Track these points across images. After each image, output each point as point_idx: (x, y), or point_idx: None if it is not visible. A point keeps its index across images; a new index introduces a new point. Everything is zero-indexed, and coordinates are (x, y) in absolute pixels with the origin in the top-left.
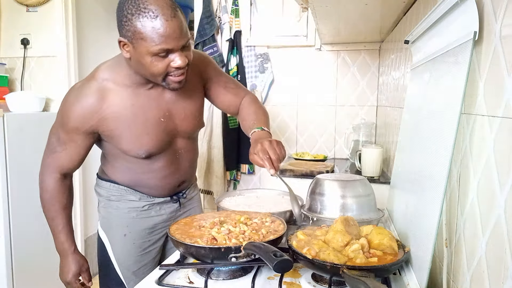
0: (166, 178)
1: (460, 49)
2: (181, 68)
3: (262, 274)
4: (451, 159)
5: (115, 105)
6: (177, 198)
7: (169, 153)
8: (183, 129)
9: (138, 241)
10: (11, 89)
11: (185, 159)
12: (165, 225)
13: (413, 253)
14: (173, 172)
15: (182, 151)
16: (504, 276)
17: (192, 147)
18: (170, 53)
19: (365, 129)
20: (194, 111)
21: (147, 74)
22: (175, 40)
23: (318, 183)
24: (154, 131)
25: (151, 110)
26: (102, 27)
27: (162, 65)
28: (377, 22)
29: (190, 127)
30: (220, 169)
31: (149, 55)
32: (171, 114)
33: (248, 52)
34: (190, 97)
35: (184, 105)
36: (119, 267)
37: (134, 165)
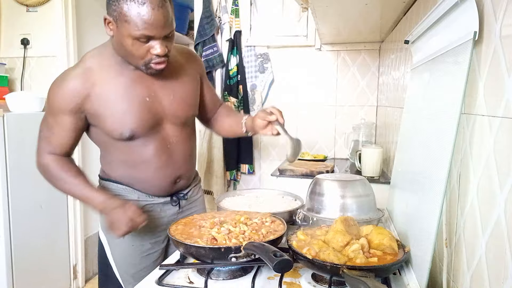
0: (159, 170)
1: (460, 49)
2: (160, 56)
3: (262, 274)
4: (451, 159)
5: (99, 84)
6: (177, 200)
7: (159, 140)
8: (171, 113)
9: (138, 244)
10: (11, 89)
11: (178, 151)
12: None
13: (413, 253)
14: (166, 164)
15: (173, 140)
16: (504, 276)
17: (185, 138)
18: (151, 39)
19: (365, 129)
20: (184, 96)
21: (127, 55)
22: (158, 29)
23: (318, 183)
24: (138, 110)
25: (135, 89)
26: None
27: (142, 50)
28: (377, 22)
29: (179, 111)
30: (220, 169)
31: (130, 38)
32: (157, 95)
33: (248, 52)
34: (180, 81)
35: (172, 88)
36: (118, 270)
37: (125, 156)
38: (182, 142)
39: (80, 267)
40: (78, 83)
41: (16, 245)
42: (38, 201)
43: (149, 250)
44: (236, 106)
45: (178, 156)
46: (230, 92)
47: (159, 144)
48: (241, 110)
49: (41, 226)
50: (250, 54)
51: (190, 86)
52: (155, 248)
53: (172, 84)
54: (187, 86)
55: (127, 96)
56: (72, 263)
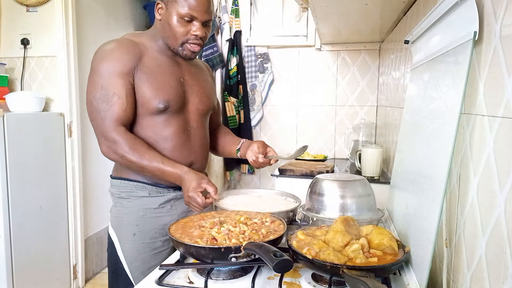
0: (176, 150)
1: (460, 49)
2: (198, 38)
3: (262, 274)
4: (451, 159)
5: (147, 54)
6: None
7: (181, 120)
8: (196, 100)
9: (148, 241)
10: (11, 89)
11: (195, 135)
12: None
13: (413, 253)
14: (184, 144)
15: (193, 124)
16: (504, 276)
17: (203, 126)
18: (193, 20)
19: (365, 129)
20: (207, 90)
21: (170, 34)
22: (200, 12)
23: (318, 183)
24: (175, 85)
25: (173, 69)
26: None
27: (184, 29)
28: (377, 22)
29: (202, 101)
30: (220, 169)
31: (177, 16)
32: (188, 81)
33: (248, 52)
34: (204, 79)
35: (198, 81)
36: (128, 267)
37: (148, 132)
38: (200, 128)
39: (80, 267)
40: (134, 46)
41: (16, 245)
42: (38, 201)
43: (160, 248)
44: (236, 106)
45: (195, 140)
46: (230, 92)
47: (181, 125)
48: (241, 110)
49: (41, 226)
50: (250, 54)
51: (211, 85)
52: (165, 246)
53: (198, 77)
54: (209, 84)
55: (168, 71)
56: (72, 263)
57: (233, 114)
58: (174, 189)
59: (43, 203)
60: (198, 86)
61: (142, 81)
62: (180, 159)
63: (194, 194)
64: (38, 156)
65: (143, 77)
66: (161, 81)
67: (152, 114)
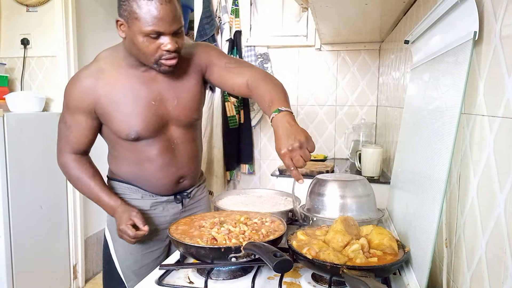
0: (162, 169)
1: (460, 49)
2: (171, 52)
3: (262, 274)
4: (451, 159)
5: (109, 84)
6: (181, 198)
7: (163, 140)
8: (175, 117)
9: (139, 241)
10: (11, 89)
11: (181, 151)
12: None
13: (413, 253)
14: (169, 163)
15: (177, 141)
16: (504, 276)
17: (188, 139)
18: (161, 35)
19: (365, 129)
20: (188, 100)
21: (139, 54)
22: (166, 24)
23: (318, 183)
24: (144, 113)
25: (142, 92)
26: (102, 27)
27: (153, 47)
28: (377, 22)
29: (182, 115)
30: (220, 169)
31: (141, 35)
32: (162, 99)
33: (248, 52)
34: (183, 86)
35: (177, 93)
36: (120, 266)
37: (130, 154)
38: (186, 143)
39: (80, 267)
40: (91, 81)
41: (16, 245)
42: (38, 201)
43: (151, 248)
44: (236, 106)
45: (181, 156)
46: None
47: (163, 144)
48: (241, 110)
49: (41, 226)
50: (250, 54)
51: (192, 90)
52: (156, 246)
53: (176, 89)
54: (189, 91)
55: (134, 98)
56: (72, 263)
57: (233, 114)
58: (166, 195)
59: (43, 203)
60: (176, 101)
61: (108, 115)
62: (167, 176)
63: (125, 227)
64: (38, 156)
65: (107, 110)
66: (127, 113)
67: (130, 140)
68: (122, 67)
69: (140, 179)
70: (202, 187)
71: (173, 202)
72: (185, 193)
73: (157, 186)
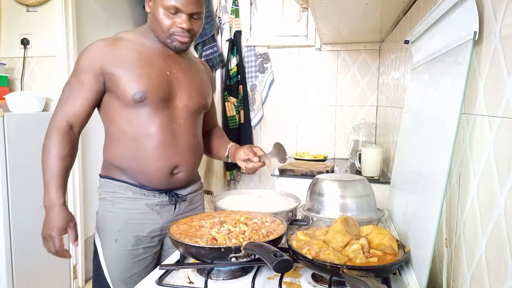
0: (159, 149)
1: (460, 49)
2: (185, 30)
3: (262, 274)
4: (451, 159)
5: (125, 49)
6: (175, 200)
7: (166, 115)
8: (186, 95)
9: (130, 248)
10: (11, 89)
11: (182, 134)
12: (162, 234)
13: (413, 253)
14: (168, 143)
15: (180, 121)
16: (504, 276)
17: (192, 125)
18: (179, 13)
19: (365, 129)
20: (200, 86)
21: (157, 26)
22: (186, 5)
23: (318, 183)
24: (156, 77)
25: (159, 61)
26: (102, 27)
27: (169, 22)
28: (377, 22)
29: (193, 96)
30: (220, 169)
31: (162, 8)
32: (177, 74)
33: (248, 52)
34: (199, 75)
35: (192, 76)
36: (109, 274)
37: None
38: (189, 127)
39: (80, 267)
40: (106, 44)
41: (16, 245)
42: (38, 201)
43: (142, 255)
44: (236, 106)
45: (182, 139)
46: (230, 92)
47: (166, 120)
48: (241, 110)
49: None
50: (250, 54)
51: (206, 83)
52: (148, 253)
53: (192, 73)
54: (203, 82)
55: (148, 64)
56: (72, 263)
57: (233, 114)
58: (160, 193)
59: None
60: (189, 81)
61: (118, 76)
62: (163, 159)
63: (55, 235)
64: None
65: (118, 71)
66: (138, 73)
67: (132, 107)
68: (140, 39)
69: (134, 163)
70: (199, 194)
71: (167, 205)
72: (180, 194)
73: (151, 172)
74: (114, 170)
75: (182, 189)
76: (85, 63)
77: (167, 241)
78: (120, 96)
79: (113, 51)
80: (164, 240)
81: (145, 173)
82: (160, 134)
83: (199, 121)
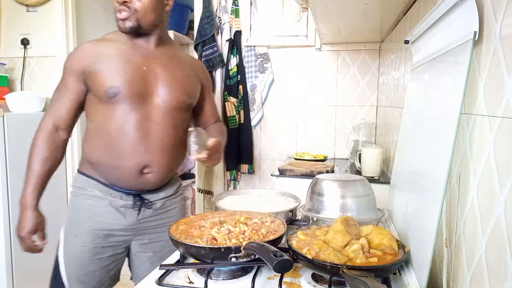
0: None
1: (460, 49)
2: (119, 3)
3: (262, 274)
4: (451, 159)
5: (106, 48)
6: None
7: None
8: (163, 91)
9: (89, 245)
10: (11, 89)
11: (156, 133)
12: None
13: (413, 253)
14: (139, 141)
15: (155, 119)
16: (504, 276)
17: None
18: None
19: (365, 129)
20: (179, 82)
21: None
22: None
23: (318, 183)
24: (131, 72)
25: (135, 56)
26: (101, 27)
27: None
28: (377, 22)
29: (171, 92)
30: (220, 169)
31: None
32: (155, 69)
33: (248, 52)
34: (179, 69)
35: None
36: (65, 269)
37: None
38: (165, 126)
39: None
40: (88, 45)
41: (16, 245)
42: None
43: (100, 254)
44: (236, 106)
45: (154, 138)
46: (230, 92)
47: (140, 117)
48: (241, 110)
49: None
50: (250, 54)
51: (191, 79)
52: (107, 253)
53: (175, 68)
54: (188, 77)
55: (126, 61)
56: None
57: (233, 114)
58: (127, 194)
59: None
60: (169, 77)
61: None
62: (133, 156)
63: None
64: None
65: (95, 68)
66: (113, 69)
67: (108, 103)
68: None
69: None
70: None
71: (131, 209)
72: (146, 200)
73: (120, 168)
74: (88, 165)
75: (153, 193)
76: (68, 65)
77: (135, 245)
78: (96, 92)
79: (94, 51)
80: (131, 244)
81: (115, 168)
82: (132, 131)
83: (180, 120)
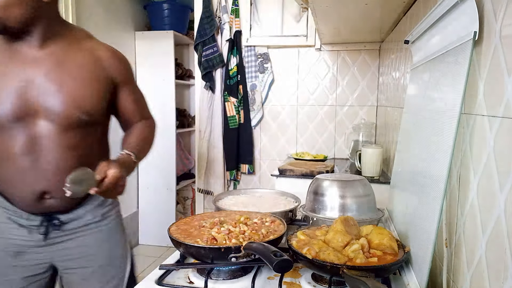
0: (22, 174)
1: (460, 49)
2: None
3: (262, 274)
4: (451, 159)
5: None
6: (46, 228)
7: (26, 137)
8: (49, 107)
9: None
10: None
11: (48, 157)
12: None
13: (413, 253)
14: (29, 168)
15: (45, 142)
16: (504, 276)
17: (65, 144)
18: None
19: (365, 129)
20: (72, 92)
21: None
22: None
23: (318, 183)
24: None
25: (13, 68)
26: (102, 27)
27: None
28: (377, 22)
29: (61, 108)
30: (220, 169)
31: None
32: (35, 83)
33: (248, 52)
34: (72, 77)
35: (62, 80)
36: None
37: None
38: (59, 148)
39: None
40: None
41: None
42: None
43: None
44: (236, 106)
45: (47, 162)
46: (230, 92)
47: (26, 141)
48: (241, 110)
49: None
50: (250, 54)
51: (88, 86)
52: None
53: (63, 75)
54: (83, 84)
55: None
56: None
57: (233, 114)
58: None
59: None
60: (55, 90)
61: None
62: (26, 184)
63: None
64: None
65: None
66: None
67: None
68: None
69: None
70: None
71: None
72: (56, 220)
73: (17, 196)
74: None
75: (64, 213)
76: None
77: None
78: None
79: None
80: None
81: (10, 194)
82: (20, 158)
83: (80, 138)
